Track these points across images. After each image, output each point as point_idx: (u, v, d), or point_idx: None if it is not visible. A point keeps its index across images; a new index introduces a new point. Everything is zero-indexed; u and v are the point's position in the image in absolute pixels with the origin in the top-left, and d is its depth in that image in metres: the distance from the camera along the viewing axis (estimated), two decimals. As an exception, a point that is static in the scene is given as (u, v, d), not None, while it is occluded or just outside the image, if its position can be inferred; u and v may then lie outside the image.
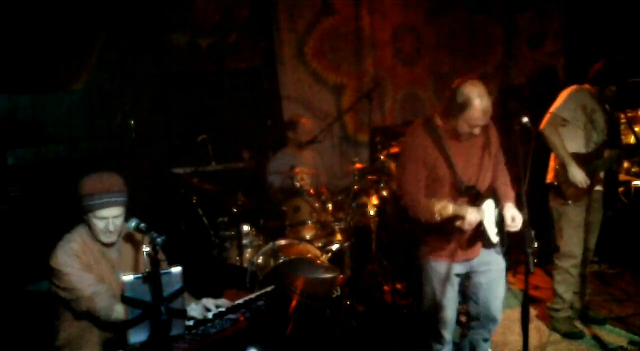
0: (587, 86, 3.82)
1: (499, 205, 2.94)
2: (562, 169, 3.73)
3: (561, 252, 3.85)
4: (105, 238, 2.51)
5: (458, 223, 2.71)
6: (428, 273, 3.00)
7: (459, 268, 2.96)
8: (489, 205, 2.88)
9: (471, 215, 2.68)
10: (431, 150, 2.85)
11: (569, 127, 3.77)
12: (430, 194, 2.82)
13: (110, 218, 2.49)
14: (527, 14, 6.36)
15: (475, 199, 2.84)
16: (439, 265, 2.96)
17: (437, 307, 3.00)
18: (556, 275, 3.90)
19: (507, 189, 3.00)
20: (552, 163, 3.85)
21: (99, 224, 2.49)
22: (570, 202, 3.75)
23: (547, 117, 3.75)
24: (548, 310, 3.97)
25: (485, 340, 3.15)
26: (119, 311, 2.40)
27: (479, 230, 2.86)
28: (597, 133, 3.78)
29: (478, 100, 2.70)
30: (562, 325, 3.88)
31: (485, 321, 3.07)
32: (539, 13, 6.36)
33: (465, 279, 3.11)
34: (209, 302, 2.65)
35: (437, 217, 2.63)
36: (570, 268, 3.83)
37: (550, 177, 3.85)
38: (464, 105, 2.71)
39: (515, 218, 2.84)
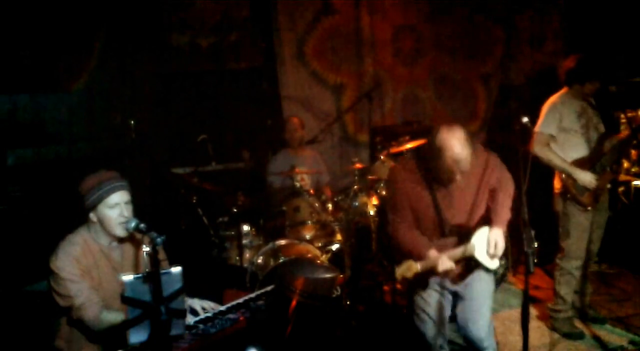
0: (565, 90, 3.79)
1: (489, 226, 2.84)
2: (570, 180, 3.70)
3: (565, 253, 3.83)
4: (120, 230, 2.49)
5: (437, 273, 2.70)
6: (414, 290, 2.99)
7: (444, 287, 2.92)
8: (481, 235, 2.81)
9: (443, 265, 2.66)
10: (419, 188, 2.82)
11: (562, 137, 3.73)
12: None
13: (122, 203, 2.49)
14: (527, 14, 6.37)
15: (463, 236, 2.82)
16: (420, 285, 2.94)
17: (420, 323, 2.98)
18: (559, 277, 3.88)
19: (500, 211, 2.84)
20: (558, 173, 3.83)
21: (112, 214, 2.47)
22: (590, 208, 3.72)
23: (534, 137, 3.71)
24: (549, 311, 3.97)
25: None
26: (107, 320, 2.42)
27: (471, 264, 2.84)
28: (592, 133, 3.75)
29: (450, 150, 2.62)
30: (562, 325, 3.88)
31: (472, 341, 2.91)
32: (539, 13, 6.37)
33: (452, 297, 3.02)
34: (195, 303, 2.66)
35: (400, 279, 2.62)
36: (573, 269, 3.81)
37: (559, 186, 3.81)
38: (437, 153, 2.65)
39: (497, 246, 2.75)
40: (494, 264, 2.86)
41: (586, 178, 3.65)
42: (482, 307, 2.90)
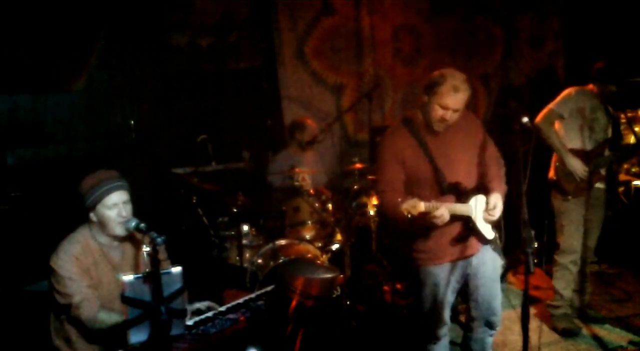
0: (590, 87, 3.84)
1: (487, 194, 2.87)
2: (561, 165, 3.77)
3: (561, 248, 3.88)
4: (120, 229, 2.49)
5: (430, 219, 2.63)
6: (423, 277, 2.98)
7: (455, 268, 2.93)
8: (479, 201, 2.84)
9: (440, 210, 2.61)
10: (410, 148, 2.82)
11: (568, 124, 3.80)
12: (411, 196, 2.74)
13: (120, 203, 2.49)
14: (527, 14, 6.36)
15: (461, 196, 2.81)
16: (433, 269, 2.93)
17: (432, 310, 2.99)
18: (555, 272, 3.93)
19: (496, 182, 2.92)
20: (554, 161, 3.88)
21: (111, 214, 2.47)
22: (570, 197, 3.77)
23: (544, 111, 3.81)
24: (547, 308, 3.98)
25: (491, 335, 3.14)
26: (103, 321, 2.42)
27: (470, 227, 2.84)
28: (597, 133, 3.80)
29: (451, 78, 2.72)
30: (560, 322, 3.89)
31: (488, 319, 3.05)
32: (539, 13, 6.36)
33: (463, 280, 3.04)
34: (195, 304, 2.66)
35: (407, 215, 2.52)
36: (569, 264, 3.85)
37: (551, 174, 3.87)
38: (436, 84, 2.73)
39: (495, 207, 2.80)
40: (489, 233, 2.89)
41: (576, 164, 3.71)
42: (495, 285, 3.02)
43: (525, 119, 2.63)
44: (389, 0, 6.06)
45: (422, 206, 2.53)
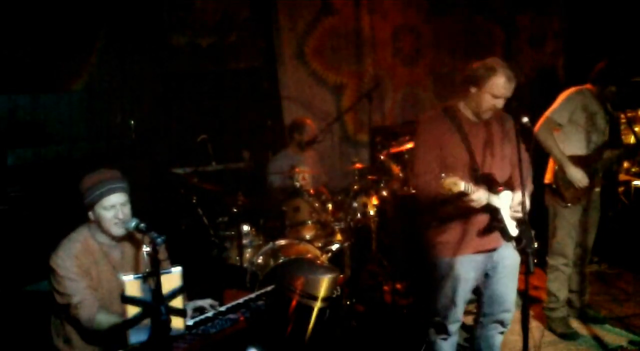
0: (588, 87, 3.81)
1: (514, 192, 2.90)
2: (561, 171, 3.73)
3: (553, 250, 3.88)
4: (117, 229, 2.49)
5: (466, 201, 2.66)
6: (444, 269, 2.96)
7: (477, 263, 2.94)
8: (508, 196, 2.86)
9: (478, 193, 2.64)
10: (449, 133, 2.86)
11: (567, 129, 3.76)
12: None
13: (117, 205, 2.48)
14: (527, 14, 6.36)
15: (492, 188, 2.83)
16: (454, 260, 2.92)
17: (449, 304, 2.99)
18: (549, 274, 3.93)
19: (526, 182, 2.92)
20: (550, 164, 3.85)
21: (108, 215, 2.47)
22: (569, 204, 3.75)
23: (542, 119, 3.77)
24: (544, 310, 3.98)
25: (501, 333, 3.14)
26: (101, 322, 2.41)
27: (497, 219, 2.85)
28: (597, 135, 3.78)
29: (502, 68, 2.76)
30: (557, 325, 3.89)
31: (500, 316, 3.06)
32: (539, 13, 6.36)
33: (482, 277, 3.05)
34: (198, 303, 2.66)
35: (448, 191, 2.53)
36: (561, 266, 3.84)
37: (548, 178, 3.85)
38: (489, 73, 2.76)
39: (520, 204, 2.78)
40: (514, 230, 2.90)
41: (577, 175, 3.67)
42: (512, 282, 3.04)
43: (525, 119, 2.63)
44: (389, 0, 6.07)
45: (462, 185, 2.55)
